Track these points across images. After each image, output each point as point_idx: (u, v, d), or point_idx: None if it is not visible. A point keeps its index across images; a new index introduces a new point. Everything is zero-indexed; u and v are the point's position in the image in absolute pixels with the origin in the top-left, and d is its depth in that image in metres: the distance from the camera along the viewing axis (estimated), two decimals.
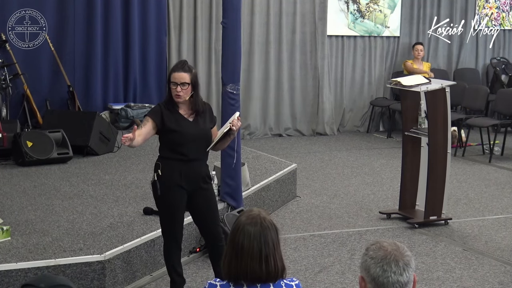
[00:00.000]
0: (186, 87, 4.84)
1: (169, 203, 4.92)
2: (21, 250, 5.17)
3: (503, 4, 12.91)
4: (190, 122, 4.91)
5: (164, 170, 4.88)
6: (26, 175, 7.38)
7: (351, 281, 5.66)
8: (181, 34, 10.54)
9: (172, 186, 4.89)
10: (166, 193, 4.89)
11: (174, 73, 4.86)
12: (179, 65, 4.92)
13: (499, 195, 8.32)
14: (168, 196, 4.90)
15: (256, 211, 3.05)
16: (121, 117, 9.68)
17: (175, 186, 4.89)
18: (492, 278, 5.83)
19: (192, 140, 4.87)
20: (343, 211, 7.55)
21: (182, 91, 4.84)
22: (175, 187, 4.89)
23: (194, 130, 4.89)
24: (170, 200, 4.91)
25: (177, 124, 4.88)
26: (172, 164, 4.88)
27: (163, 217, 5.01)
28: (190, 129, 4.88)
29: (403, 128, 7.34)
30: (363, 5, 11.79)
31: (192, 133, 4.87)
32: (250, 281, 2.96)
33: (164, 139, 4.95)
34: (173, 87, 4.85)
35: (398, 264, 2.50)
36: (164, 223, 5.02)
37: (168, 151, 4.92)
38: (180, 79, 4.84)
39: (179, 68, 4.88)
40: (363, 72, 11.98)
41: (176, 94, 4.85)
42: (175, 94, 4.85)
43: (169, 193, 4.89)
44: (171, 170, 4.88)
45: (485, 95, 10.91)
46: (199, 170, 4.96)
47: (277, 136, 11.36)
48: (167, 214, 4.97)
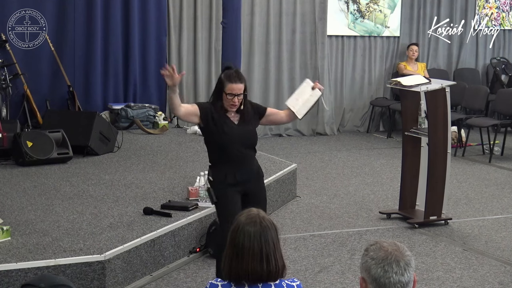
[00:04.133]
0: (241, 97, 4.89)
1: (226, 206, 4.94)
2: (21, 250, 5.17)
3: (503, 4, 12.91)
4: (235, 125, 4.95)
5: (215, 176, 4.96)
6: (26, 175, 7.38)
7: (351, 281, 5.66)
8: (181, 34, 10.54)
9: (225, 189, 4.93)
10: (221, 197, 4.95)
11: (232, 85, 4.86)
12: (235, 76, 4.89)
13: (499, 195, 8.32)
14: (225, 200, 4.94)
15: (255, 211, 3.07)
16: (121, 117, 9.68)
17: (228, 188, 4.93)
18: (492, 278, 5.83)
19: (237, 142, 4.92)
20: (343, 211, 7.55)
21: (238, 101, 4.88)
22: (229, 189, 4.93)
23: (239, 131, 4.94)
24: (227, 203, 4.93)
25: (222, 128, 4.91)
26: (221, 168, 4.95)
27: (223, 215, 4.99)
28: (234, 131, 4.92)
29: (403, 128, 7.34)
30: (363, 5, 11.79)
31: (237, 135, 4.92)
32: (252, 281, 2.97)
33: (210, 143, 5.02)
34: (230, 97, 4.86)
35: (399, 264, 2.50)
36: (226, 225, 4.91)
37: (216, 156, 4.99)
38: (238, 90, 4.86)
39: (237, 79, 4.87)
40: (363, 72, 11.98)
41: (232, 104, 4.88)
42: (231, 104, 4.88)
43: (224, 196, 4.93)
44: (221, 174, 4.94)
45: (485, 95, 10.91)
46: (250, 168, 5.02)
47: (277, 136, 11.36)
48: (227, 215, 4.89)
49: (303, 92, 5.23)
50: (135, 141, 9.08)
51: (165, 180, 7.17)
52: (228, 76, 4.89)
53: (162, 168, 7.69)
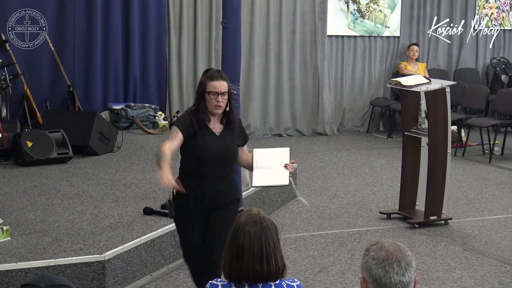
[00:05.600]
0: (226, 96, 4.45)
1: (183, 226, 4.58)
2: (21, 250, 5.17)
3: (503, 4, 12.91)
4: (216, 136, 4.47)
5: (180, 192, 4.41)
6: (26, 175, 7.38)
7: (351, 281, 5.66)
8: (181, 34, 10.54)
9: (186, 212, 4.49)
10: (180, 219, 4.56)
11: (213, 82, 4.44)
12: (216, 73, 4.50)
13: (499, 195, 8.32)
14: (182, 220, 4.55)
15: (255, 211, 3.07)
16: (121, 117, 9.68)
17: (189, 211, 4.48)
18: (492, 278, 5.83)
19: (215, 156, 4.43)
20: (343, 211, 7.55)
21: (222, 100, 4.43)
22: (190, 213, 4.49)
23: (219, 146, 4.46)
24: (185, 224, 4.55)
25: (202, 140, 4.44)
26: (190, 184, 4.43)
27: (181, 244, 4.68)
28: (214, 143, 4.45)
29: (403, 128, 7.34)
30: (363, 5, 11.79)
31: (216, 149, 4.45)
32: (252, 281, 2.97)
33: (185, 154, 4.52)
34: (213, 97, 4.41)
35: (400, 264, 2.50)
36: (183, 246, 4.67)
37: (188, 169, 4.52)
38: (221, 87, 4.43)
39: (217, 76, 4.47)
40: (363, 72, 11.98)
41: (216, 104, 4.42)
42: (216, 105, 4.42)
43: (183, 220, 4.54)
44: (189, 192, 4.41)
45: (485, 95, 10.91)
46: (223, 191, 4.51)
47: (277, 136, 11.35)
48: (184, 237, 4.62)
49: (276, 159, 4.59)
50: (135, 141, 9.08)
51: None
52: (209, 75, 4.50)
53: None
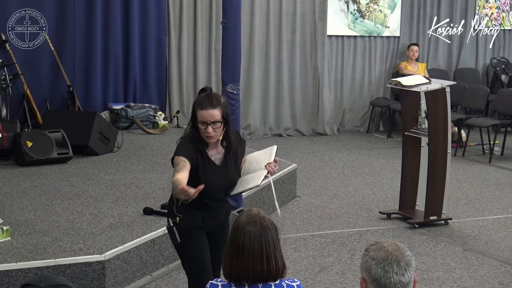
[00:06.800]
0: (218, 125, 4.03)
1: (193, 247, 4.22)
2: (21, 250, 5.17)
3: (503, 4, 12.91)
4: (217, 167, 4.14)
5: (181, 218, 4.15)
6: (26, 175, 7.38)
7: (351, 281, 5.66)
8: (181, 34, 10.54)
9: (191, 230, 4.19)
10: (187, 239, 4.20)
11: (201, 111, 4.01)
12: (206, 100, 4.03)
13: (499, 195, 8.32)
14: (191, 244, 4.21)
15: (255, 211, 3.07)
16: (121, 117, 9.68)
17: (194, 229, 4.20)
18: (492, 278, 5.83)
19: (217, 187, 4.15)
20: (343, 211, 7.55)
21: (213, 131, 4.03)
22: (194, 230, 4.20)
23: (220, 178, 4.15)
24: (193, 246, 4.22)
25: (203, 171, 4.10)
26: (190, 210, 4.16)
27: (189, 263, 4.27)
28: (215, 178, 4.12)
29: (403, 128, 7.34)
30: (363, 5, 11.79)
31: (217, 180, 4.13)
32: (252, 281, 2.97)
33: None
34: (202, 127, 4.02)
35: (399, 264, 2.50)
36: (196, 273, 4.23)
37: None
38: (209, 118, 4.00)
39: (207, 104, 4.01)
40: (363, 72, 11.98)
41: (206, 136, 4.05)
42: (206, 135, 4.04)
43: (190, 239, 4.20)
44: (189, 216, 4.17)
45: (485, 95, 10.92)
46: (222, 211, 4.32)
47: (277, 136, 11.35)
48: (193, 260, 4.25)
49: (261, 161, 4.26)
50: (135, 141, 9.07)
51: (165, 180, 7.17)
52: (199, 102, 4.05)
53: (162, 168, 7.68)
